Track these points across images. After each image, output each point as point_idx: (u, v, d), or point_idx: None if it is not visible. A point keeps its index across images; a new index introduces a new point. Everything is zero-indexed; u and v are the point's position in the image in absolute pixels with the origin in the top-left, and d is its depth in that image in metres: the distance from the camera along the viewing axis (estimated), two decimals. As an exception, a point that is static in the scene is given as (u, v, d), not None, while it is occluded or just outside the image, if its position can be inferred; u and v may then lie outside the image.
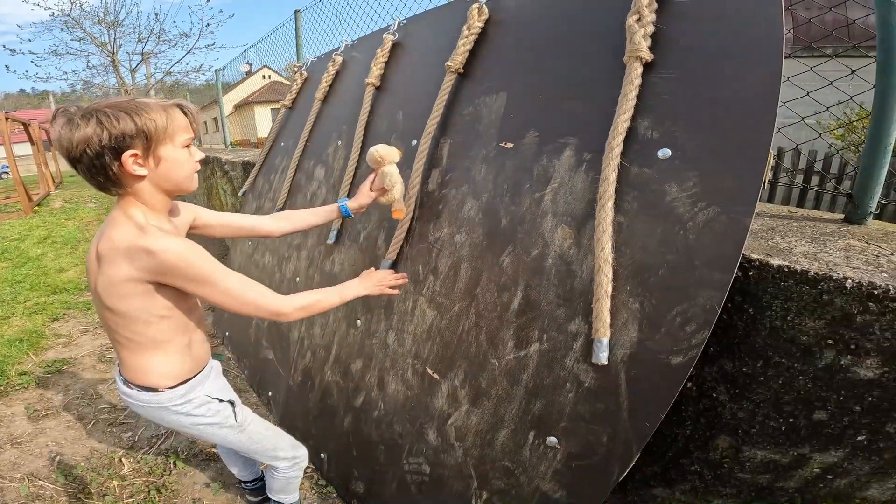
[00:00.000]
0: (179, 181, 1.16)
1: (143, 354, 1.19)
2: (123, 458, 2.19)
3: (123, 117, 1.03)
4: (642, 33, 1.11)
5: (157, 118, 1.06)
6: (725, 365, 1.09)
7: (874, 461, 1.01)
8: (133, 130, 1.04)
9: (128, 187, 1.10)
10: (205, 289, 1.10)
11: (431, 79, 1.82)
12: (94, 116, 1.01)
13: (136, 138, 1.04)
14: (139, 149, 1.06)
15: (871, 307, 0.90)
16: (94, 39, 15.05)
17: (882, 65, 1.20)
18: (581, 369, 1.09)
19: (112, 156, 1.03)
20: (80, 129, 1.01)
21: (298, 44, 4.75)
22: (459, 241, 1.49)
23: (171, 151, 1.11)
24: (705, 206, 0.96)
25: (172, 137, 1.11)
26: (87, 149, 1.02)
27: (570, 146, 1.25)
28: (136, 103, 1.06)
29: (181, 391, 1.24)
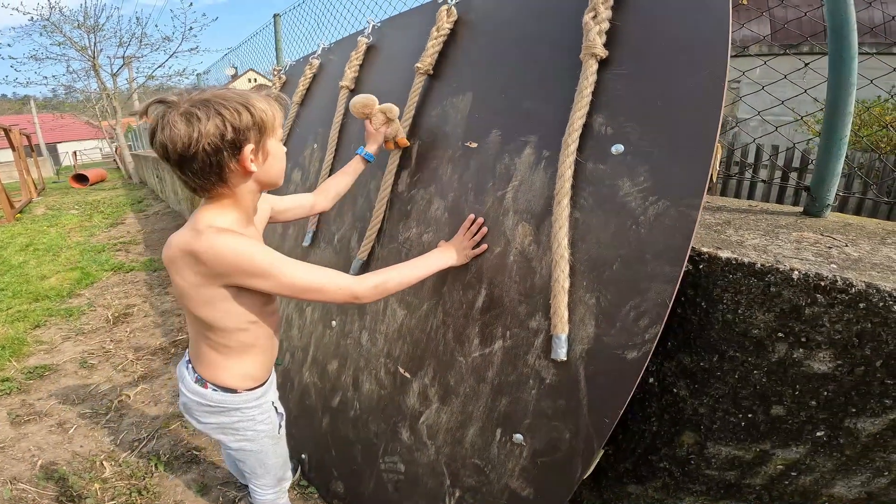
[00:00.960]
0: (277, 176, 1.11)
1: (231, 356, 1.16)
2: (105, 462, 2.20)
3: (241, 110, 0.96)
4: (597, 30, 1.12)
5: (267, 110, 1.01)
6: (684, 360, 1.11)
7: (836, 458, 1.02)
8: (251, 123, 0.98)
9: (234, 187, 1.04)
10: (268, 282, 1.02)
11: (403, 80, 1.83)
12: (212, 108, 0.93)
13: (251, 131, 0.98)
14: (253, 141, 1.00)
15: (820, 299, 0.91)
16: (73, 44, 14.88)
17: (833, 57, 1.22)
18: (542, 366, 1.10)
19: (231, 151, 0.97)
20: (201, 124, 0.92)
21: (278, 47, 4.73)
22: (427, 240, 1.50)
23: (275, 145, 1.07)
24: (656, 201, 0.97)
25: (275, 129, 1.06)
26: (208, 145, 0.94)
27: (530, 144, 1.26)
28: (244, 95, 1.00)
29: (257, 394, 1.23)
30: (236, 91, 1.00)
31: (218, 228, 1.01)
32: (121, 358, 3.17)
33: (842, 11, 1.19)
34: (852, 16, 1.19)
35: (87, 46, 14.98)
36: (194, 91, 0.98)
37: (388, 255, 1.64)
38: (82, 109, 18.15)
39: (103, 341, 3.44)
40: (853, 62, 1.21)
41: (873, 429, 0.96)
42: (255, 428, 1.29)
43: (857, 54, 1.21)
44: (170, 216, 8.31)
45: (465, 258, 1.32)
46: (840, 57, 1.21)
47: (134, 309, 4.01)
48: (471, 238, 1.33)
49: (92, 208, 10.18)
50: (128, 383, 2.88)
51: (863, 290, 0.89)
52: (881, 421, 0.95)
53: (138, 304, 4.11)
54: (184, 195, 6.82)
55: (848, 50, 1.20)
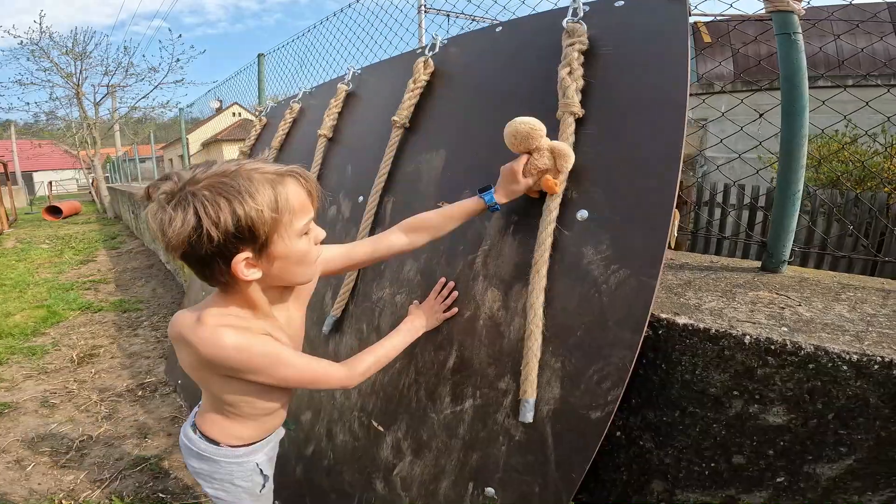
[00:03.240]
0: (300, 278, 1.00)
1: (227, 417, 1.13)
2: (64, 500, 2.13)
3: (224, 206, 0.81)
4: (574, 87, 1.13)
5: (265, 204, 0.84)
6: (647, 415, 1.14)
7: (799, 501, 1.05)
8: (238, 226, 0.82)
9: (235, 286, 0.94)
10: (261, 377, 0.99)
11: (380, 132, 1.85)
12: (190, 205, 0.80)
13: (243, 237, 0.84)
14: (250, 249, 0.86)
15: (770, 361, 0.96)
16: (60, 70, 14.82)
17: (785, 109, 1.22)
18: (511, 424, 1.13)
19: (220, 261, 0.86)
20: (174, 222, 0.80)
21: (261, 87, 4.79)
22: (400, 301, 1.52)
23: (286, 246, 0.90)
24: (617, 269, 1.02)
25: (287, 227, 0.89)
26: (190, 248, 0.82)
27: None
28: (240, 178, 0.84)
29: (238, 452, 1.19)
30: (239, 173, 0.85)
31: (217, 322, 0.94)
32: (84, 399, 3.10)
33: (793, 59, 1.19)
34: (804, 64, 1.19)
35: (73, 73, 14.93)
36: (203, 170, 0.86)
37: (362, 314, 1.66)
38: (62, 137, 17.94)
39: (66, 381, 3.35)
40: (805, 113, 1.21)
41: (832, 473, 1.00)
42: (233, 482, 1.24)
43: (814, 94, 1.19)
44: (144, 255, 8.13)
45: (436, 322, 1.33)
46: (793, 108, 1.21)
47: (101, 350, 3.92)
48: (442, 302, 1.35)
49: (63, 243, 9.95)
50: (91, 423, 2.81)
51: (812, 353, 0.94)
52: (839, 466, 0.99)
53: (105, 346, 4.02)
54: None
55: (800, 101, 1.20)
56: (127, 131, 18.30)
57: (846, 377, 0.92)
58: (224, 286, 0.95)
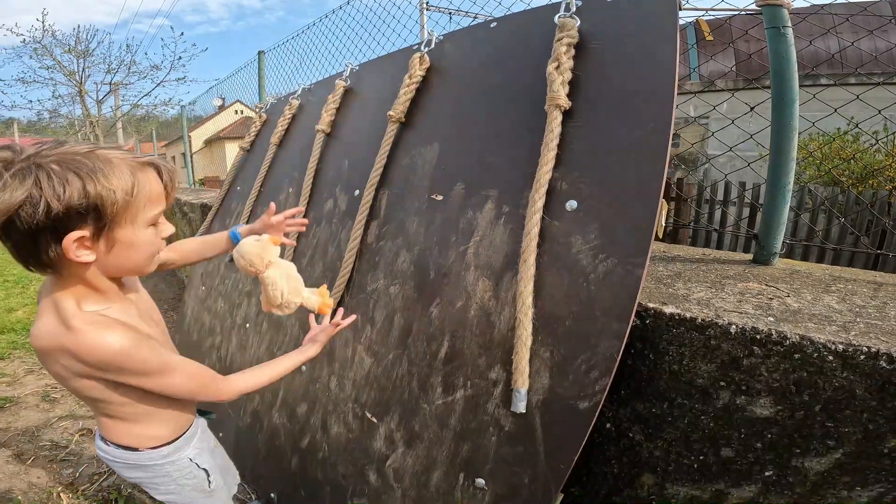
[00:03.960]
0: (135, 267, 0.93)
1: (125, 420, 1.03)
2: (62, 494, 2.14)
3: (73, 181, 0.76)
4: (560, 80, 1.14)
5: (120, 186, 0.80)
6: (637, 406, 1.15)
7: (788, 496, 1.05)
8: (83, 203, 0.77)
9: (63, 271, 0.86)
10: (146, 381, 0.92)
11: (376, 127, 1.87)
12: (32, 174, 0.74)
13: (86, 215, 0.78)
14: (88, 229, 0.80)
15: (756, 351, 0.97)
16: (62, 68, 14.89)
17: (775, 101, 1.24)
18: (501, 414, 1.13)
19: (50, 236, 0.78)
20: (8, 191, 0.73)
21: (261, 84, 4.81)
22: (394, 292, 1.53)
23: (131, 233, 0.86)
24: (605, 258, 1.02)
25: (136, 215, 0.85)
26: (17, 220, 0.75)
27: (492, 199, 1.31)
28: (96, 159, 0.79)
29: (163, 452, 1.11)
30: (95, 153, 0.81)
31: (89, 322, 0.85)
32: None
33: (783, 53, 1.21)
34: (793, 57, 1.22)
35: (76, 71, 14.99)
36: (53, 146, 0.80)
37: (357, 305, 1.66)
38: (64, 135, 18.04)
39: (67, 377, 3.38)
40: (794, 105, 1.23)
41: (820, 467, 1.00)
42: (177, 482, 1.17)
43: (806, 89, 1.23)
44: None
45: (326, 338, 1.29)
46: (782, 100, 1.23)
47: (103, 345, 3.94)
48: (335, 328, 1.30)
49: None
50: (90, 418, 2.81)
51: (797, 343, 0.94)
52: (827, 460, 0.99)
53: (108, 341, 4.04)
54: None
55: (789, 93, 1.22)
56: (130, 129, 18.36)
57: (832, 368, 0.93)
58: (51, 270, 0.86)
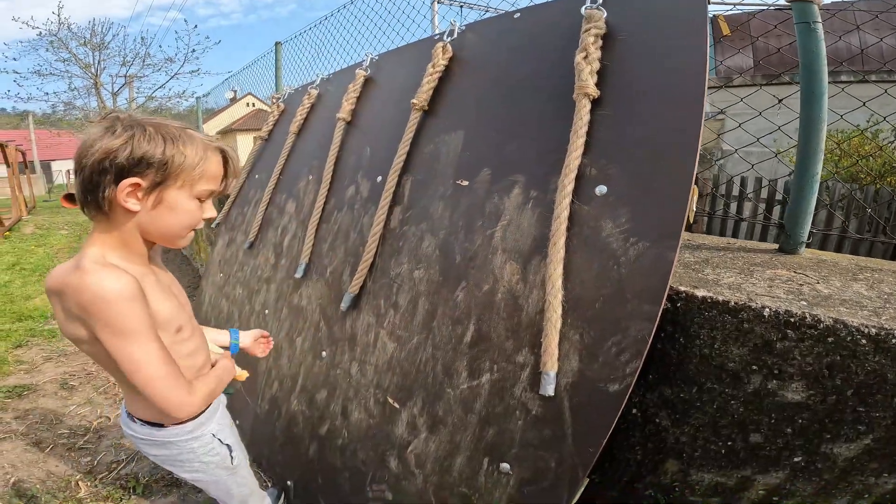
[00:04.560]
0: (170, 233, 0.98)
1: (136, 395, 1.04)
2: (81, 482, 2.16)
3: (156, 139, 0.89)
4: (589, 70, 1.16)
5: (190, 154, 0.92)
6: (665, 391, 1.15)
7: (815, 482, 1.05)
8: (155, 157, 0.89)
9: (109, 217, 0.93)
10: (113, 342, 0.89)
11: (398, 115, 1.89)
12: (133, 129, 0.89)
13: (152, 167, 0.89)
14: (146, 180, 0.90)
15: (790, 334, 0.96)
16: (78, 61, 15.02)
17: (805, 94, 1.26)
18: (528, 398, 1.14)
19: (113, 176, 0.88)
20: (110, 139, 0.87)
21: (278, 75, 4.83)
22: (418, 276, 1.54)
23: (179, 197, 0.94)
24: (636, 242, 1.02)
25: (192, 182, 0.95)
26: (100, 161, 0.87)
27: (519, 184, 1.31)
28: (181, 131, 0.93)
29: (188, 427, 1.13)
30: (183, 128, 0.94)
31: (96, 262, 0.90)
32: (102, 380, 3.15)
33: (812, 47, 1.23)
34: (823, 52, 1.23)
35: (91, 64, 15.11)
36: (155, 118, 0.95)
37: (379, 290, 1.68)
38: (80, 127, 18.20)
39: (85, 363, 3.40)
40: (823, 98, 1.24)
41: (850, 453, 1.00)
42: (202, 460, 1.20)
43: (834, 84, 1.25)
44: (160, 239, 8.27)
45: None
46: (811, 93, 1.25)
47: (120, 332, 3.99)
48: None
49: (81, 229, 10.12)
50: (108, 405, 2.86)
51: (831, 326, 0.94)
52: (857, 446, 0.99)
53: (124, 328, 4.09)
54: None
55: (819, 86, 1.24)
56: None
57: (865, 352, 0.92)
58: (102, 217, 0.93)
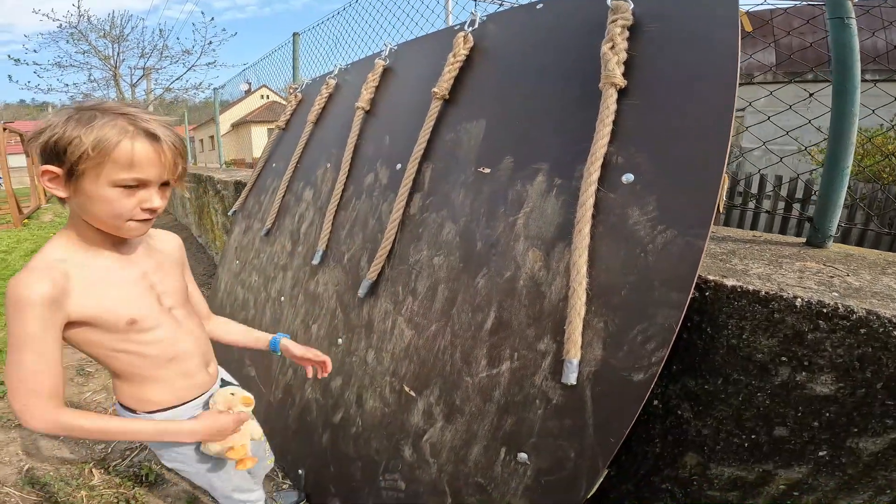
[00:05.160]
0: (102, 222, 0.97)
1: (126, 381, 1.09)
2: (94, 469, 2.18)
3: (73, 126, 0.89)
4: (616, 60, 1.16)
5: (89, 141, 0.88)
6: (688, 383, 1.13)
7: (838, 477, 1.03)
8: (59, 144, 0.88)
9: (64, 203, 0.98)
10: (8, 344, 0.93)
11: (418, 104, 1.88)
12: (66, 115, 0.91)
13: (62, 154, 0.89)
14: (61, 169, 0.91)
15: (822, 325, 0.94)
16: (97, 52, 15.22)
17: (836, 88, 1.25)
18: (549, 387, 1.12)
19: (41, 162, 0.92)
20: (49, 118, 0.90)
21: (295, 66, 4.85)
22: (438, 263, 1.53)
23: (93, 187, 0.92)
24: (664, 230, 1.00)
25: (98, 171, 0.90)
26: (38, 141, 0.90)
27: (542, 172, 1.30)
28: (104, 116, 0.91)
29: (158, 418, 1.12)
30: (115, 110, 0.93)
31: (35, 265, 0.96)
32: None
33: (846, 42, 1.22)
34: (856, 46, 1.22)
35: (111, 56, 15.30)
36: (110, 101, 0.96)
37: (398, 277, 1.67)
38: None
39: (101, 350, 3.46)
40: (856, 93, 1.24)
41: (875, 448, 0.98)
42: (177, 450, 1.18)
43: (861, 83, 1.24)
44: (176, 229, 8.33)
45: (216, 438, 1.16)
46: (844, 88, 1.24)
47: (137, 320, 4.03)
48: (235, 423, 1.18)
49: (99, 219, 10.23)
50: (126, 392, 2.89)
51: (863, 317, 0.92)
52: (882, 440, 0.97)
53: (141, 316, 4.13)
54: (192, 209, 6.89)
55: (851, 81, 1.24)
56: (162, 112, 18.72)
57: (897, 344, 0.90)
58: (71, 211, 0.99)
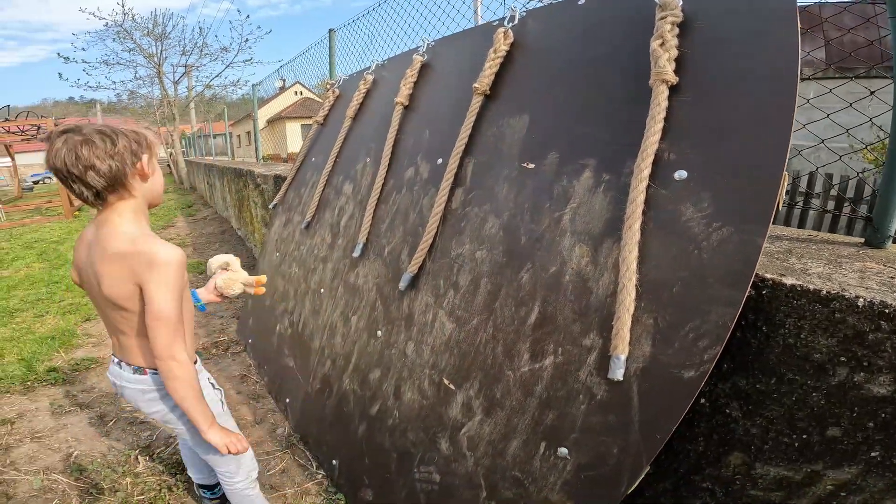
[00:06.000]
0: (157, 197, 1.35)
1: None
2: (139, 457, 2.23)
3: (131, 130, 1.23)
4: (667, 57, 1.15)
5: (145, 132, 1.26)
6: (739, 382, 1.11)
7: (888, 477, 1.01)
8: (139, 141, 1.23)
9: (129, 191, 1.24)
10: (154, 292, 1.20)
11: (457, 99, 1.89)
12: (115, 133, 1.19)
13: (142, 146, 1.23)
14: (148, 154, 1.25)
15: (883, 326, 0.91)
16: (142, 50, 15.69)
17: None
18: (594, 382, 1.12)
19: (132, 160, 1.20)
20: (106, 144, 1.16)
21: (331, 62, 4.90)
22: (480, 257, 1.54)
23: (154, 165, 1.29)
24: (720, 227, 0.99)
25: (154, 155, 1.29)
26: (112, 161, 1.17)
27: (589, 167, 1.29)
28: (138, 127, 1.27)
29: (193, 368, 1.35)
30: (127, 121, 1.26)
31: (152, 237, 1.26)
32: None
33: None
34: None
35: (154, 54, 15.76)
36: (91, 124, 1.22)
37: (439, 270, 1.68)
38: (143, 115, 19.10)
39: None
40: None
41: (928, 449, 0.94)
42: None
43: None
44: (217, 221, 8.61)
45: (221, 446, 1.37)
46: None
47: (180, 308, 4.16)
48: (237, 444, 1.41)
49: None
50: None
51: (927, 320, 0.88)
52: (936, 442, 0.93)
53: (184, 304, 4.26)
54: (232, 202, 7.06)
55: None
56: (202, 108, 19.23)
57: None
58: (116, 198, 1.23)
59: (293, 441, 2.34)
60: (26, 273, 5.49)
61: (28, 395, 2.80)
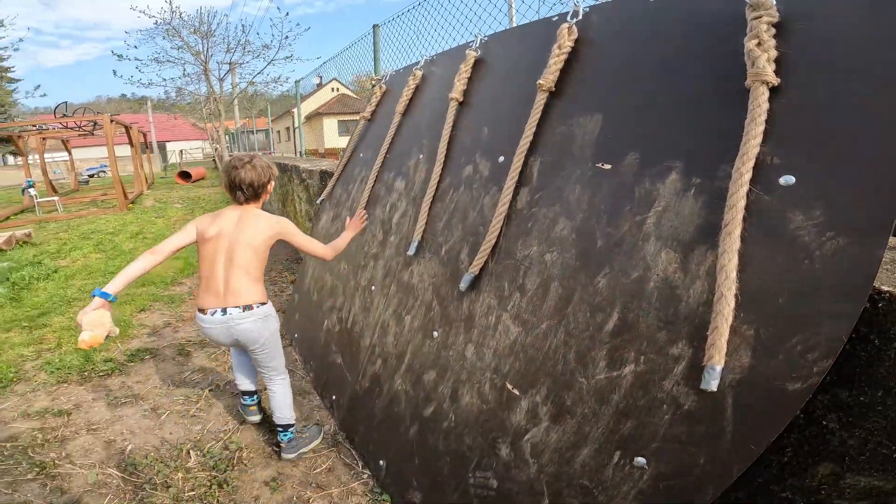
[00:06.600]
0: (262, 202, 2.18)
1: (260, 283, 2.02)
2: (191, 451, 2.24)
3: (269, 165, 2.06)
4: (766, 57, 1.10)
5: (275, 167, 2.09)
6: (840, 394, 1.05)
7: None
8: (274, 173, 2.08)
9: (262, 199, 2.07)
10: (297, 238, 2.08)
11: (519, 96, 1.85)
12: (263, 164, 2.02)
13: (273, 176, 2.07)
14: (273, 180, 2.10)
15: None
16: (189, 48, 16.08)
17: None
18: (681, 392, 1.07)
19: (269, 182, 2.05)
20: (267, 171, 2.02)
21: (376, 57, 4.91)
22: (550, 259, 1.50)
23: None
24: (833, 236, 0.93)
25: None
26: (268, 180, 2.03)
27: (676, 170, 1.23)
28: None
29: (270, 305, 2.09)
30: None
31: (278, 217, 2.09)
32: (215, 347, 3.29)
33: None
34: None
35: (201, 51, 16.16)
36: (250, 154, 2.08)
37: (503, 272, 1.65)
38: (191, 111, 19.66)
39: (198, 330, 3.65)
40: None
41: None
42: (274, 327, 2.09)
43: None
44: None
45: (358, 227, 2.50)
46: None
47: (230, 300, 4.24)
48: None
49: (194, 203, 11.00)
50: (219, 373, 3.00)
51: None
52: None
53: (234, 297, 4.34)
54: (276, 196, 7.20)
55: None
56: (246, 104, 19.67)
57: None
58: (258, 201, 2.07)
59: (339, 439, 2.33)
60: (83, 263, 5.69)
61: (84, 386, 2.86)
